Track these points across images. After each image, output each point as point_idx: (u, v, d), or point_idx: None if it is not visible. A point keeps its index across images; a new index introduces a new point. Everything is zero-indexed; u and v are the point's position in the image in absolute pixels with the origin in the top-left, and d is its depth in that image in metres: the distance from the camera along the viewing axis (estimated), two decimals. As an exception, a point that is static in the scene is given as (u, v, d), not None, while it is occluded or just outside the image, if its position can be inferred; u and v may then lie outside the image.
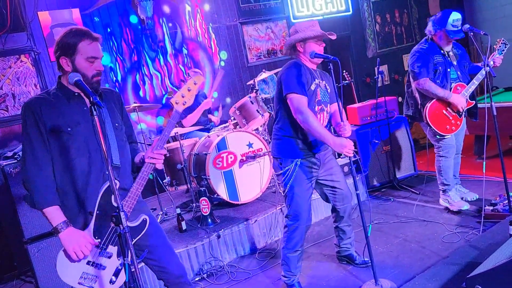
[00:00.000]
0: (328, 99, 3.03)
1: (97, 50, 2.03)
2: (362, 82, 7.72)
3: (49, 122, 1.97)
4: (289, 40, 2.95)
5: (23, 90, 4.86)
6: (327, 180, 3.10)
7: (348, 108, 5.15)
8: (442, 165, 3.90)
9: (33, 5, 4.88)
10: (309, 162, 2.98)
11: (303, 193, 2.97)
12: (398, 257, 3.35)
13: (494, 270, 1.69)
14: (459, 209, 3.88)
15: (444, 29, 3.67)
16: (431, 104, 3.73)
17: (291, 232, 3.01)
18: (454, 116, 3.79)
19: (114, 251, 2.03)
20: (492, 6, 8.52)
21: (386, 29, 8.01)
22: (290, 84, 2.83)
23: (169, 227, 4.15)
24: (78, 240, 1.94)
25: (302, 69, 2.89)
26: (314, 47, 2.89)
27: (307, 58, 2.93)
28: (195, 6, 5.97)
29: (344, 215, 3.19)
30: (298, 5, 6.84)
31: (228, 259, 3.85)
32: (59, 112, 2.00)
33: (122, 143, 2.17)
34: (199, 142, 4.59)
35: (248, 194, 4.39)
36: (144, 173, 2.05)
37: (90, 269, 2.00)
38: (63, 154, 2.00)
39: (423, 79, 3.69)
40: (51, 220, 1.98)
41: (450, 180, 3.93)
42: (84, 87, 1.78)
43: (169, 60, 5.77)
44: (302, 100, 2.81)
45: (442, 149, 3.87)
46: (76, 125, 2.01)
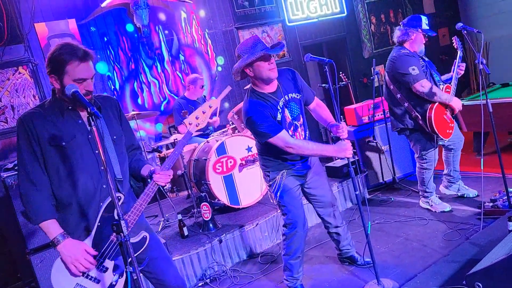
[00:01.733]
0: (299, 109, 2.92)
1: (85, 71, 1.94)
2: (359, 83, 7.75)
3: (43, 137, 1.96)
4: (235, 68, 2.78)
5: (22, 101, 4.88)
6: (311, 188, 3.09)
7: (345, 109, 5.17)
8: (425, 177, 3.97)
9: (30, 17, 4.91)
10: (295, 171, 2.98)
11: (294, 201, 2.98)
12: (400, 256, 3.36)
13: (493, 267, 1.70)
14: (441, 211, 3.94)
15: (420, 29, 3.69)
16: (435, 109, 3.65)
17: (290, 240, 3.02)
18: (450, 119, 3.82)
19: (110, 266, 2.00)
20: (486, 3, 8.57)
21: (381, 29, 8.04)
22: (263, 131, 2.72)
23: (171, 234, 4.16)
24: (76, 252, 1.92)
25: (262, 106, 2.74)
26: (263, 67, 2.68)
27: (260, 81, 2.76)
28: (190, 13, 6.00)
29: (330, 220, 3.19)
30: (293, 9, 6.88)
31: (230, 263, 3.86)
32: (53, 126, 1.98)
33: (122, 156, 2.15)
34: (198, 147, 4.61)
35: (248, 198, 4.41)
36: (149, 190, 2.04)
37: (84, 281, 1.97)
38: (60, 168, 1.98)
39: (424, 80, 3.60)
40: (48, 234, 1.97)
41: (432, 188, 4.01)
42: (81, 99, 1.78)
43: (167, 67, 5.80)
44: (284, 136, 2.72)
45: (426, 162, 3.91)
46: (71, 138, 1.99)
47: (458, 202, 4.10)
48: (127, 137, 2.25)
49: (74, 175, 1.99)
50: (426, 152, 3.86)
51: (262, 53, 2.66)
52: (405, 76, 3.65)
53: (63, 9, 5.10)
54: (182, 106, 5.09)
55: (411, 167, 5.07)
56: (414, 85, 3.63)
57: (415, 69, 3.60)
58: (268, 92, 2.80)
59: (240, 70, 2.77)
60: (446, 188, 4.21)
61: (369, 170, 4.92)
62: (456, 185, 4.13)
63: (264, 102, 2.76)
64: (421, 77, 3.61)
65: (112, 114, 2.20)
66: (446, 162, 4.09)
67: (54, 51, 1.95)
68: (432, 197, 4.04)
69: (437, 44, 8.67)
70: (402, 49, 3.76)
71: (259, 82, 2.78)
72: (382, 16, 8.06)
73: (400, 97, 3.80)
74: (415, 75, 3.60)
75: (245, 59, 2.69)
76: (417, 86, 3.62)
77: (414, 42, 3.74)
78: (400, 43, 3.82)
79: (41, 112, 2.01)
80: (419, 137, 3.86)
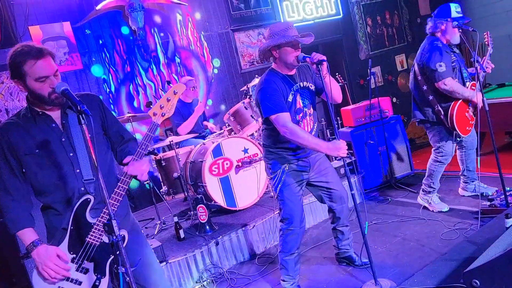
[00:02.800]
0: (310, 99, 2.99)
1: (45, 67, 1.89)
2: (356, 84, 7.74)
3: (19, 148, 1.95)
4: (263, 46, 2.86)
5: (17, 105, 4.85)
6: (321, 181, 3.09)
7: (342, 110, 5.15)
8: (435, 169, 3.90)
9: (24, 20, 4.89)
10: (297, 166, 2.99)
11: (293, 197, 2.98)
12: (398, 256, 3.34)
13: (490, 263, 1.68)
14: (439, 211, 3.92)
15: (450, 18, 3.58)
16: (457, 106, 3.60)
17: (286, 236, 3.02)
18: (471, 116, 3.76)
19: (91, 267, 1.98)
20: (482, 4, 8.58)
21: (377, 31, 8.05)
22: (268, 105, 2.79)
23: (167, 236, 4.13)
24: (45, 258, 1.90)
25: (276, 83, 2.82)
26: (289, 53, 2.78)
27: (282, 64, 2.86)
28: (186, 15, 5.99)
29: (341, 216, 3.18)
30: (289, 11, 6.88)
31: (227, 265, 3.83)
32: (27, 134, 1.97)
33: (101, 156, 2.08)
34: (195, 149, 4.58)
35: (245, 199, 4.38)
36: (121, 182, 1.96)
37: (66, 284, 1.95)
38: (38, 175, 1.98)
39: (448, 78, 3.54)
40: (24, 242, 1.97)
41: (436, 185, 3.96)
42: (71, 97, 1.75)
43: (162, 70, 5.78)
44: (284, 117, 2.77)
45: (442, 155, 3.84)
46: (45, 145, 1.97)
47: (456, 201, 4.09)
48: (114, 131, 2.20)
49: (51, 180, 1.98)
50: (445, 143, 3.78)
51: (293, 39, 2.75)
52: (432, 71, 3.59)
53: (57, 11, 5.08)
54: (178, 108, 5.06)
55: (408, 168, 5.06)
56: (438, 83, 3.58)
57: (442, 66, 3.53)
58: (286, 74, 2.90)
59: (268, 49, 2.84)
60: (463, 189, 4.15)
61: (366, 171, 4.90)
62: (472, 185, 4.07)
63: (280, 80, 2.86)
64: (446, 75, 3.53)
65: (93, 112, 2.06)
66: (460, 161, 4.05)
67: (10, 55, 1.92)
68: (433, 195, 3.99)
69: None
70: (435, 40, 3.66)
71: (281, 65, 2.88)
72: (378, 18, 8.07)
73: (426, 89, 3.72)
74: (441, 73, 3.54)
75: (276, 40, 2.78)
76: (440, 84, 3.57)
77: (446, 33, 3.63)
78: (432, 34, 3.73)
79: (16, 122, 2.00)
80: (439, 129, 3.78)
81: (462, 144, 3.92)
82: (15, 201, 1.97)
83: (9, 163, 1.97)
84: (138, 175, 1.94)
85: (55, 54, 1.99)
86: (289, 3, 6.87)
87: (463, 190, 4.16)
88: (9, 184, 1.97)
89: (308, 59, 2.76)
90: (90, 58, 5.28)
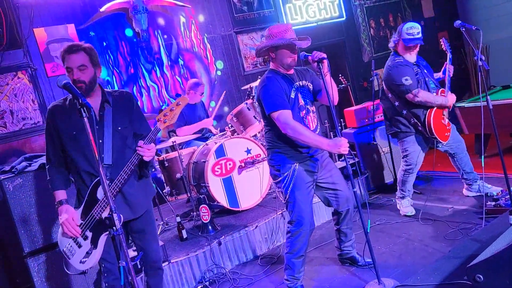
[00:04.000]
0: (310, 97, 3.02)
1: (70, 61, 2.29)
2: (359, 87, 7.74)
3: (61, 128, 2.38)
4: (261, 46, 2.90)
5: (21, 106, 4.89)
6: (327, 182, 3.07)
7: (345, 111, 5.14)
8: (405, 179, 4.02)
9: (29, 22, 4.94)
10: (306, 165, 2.96)
11: (304, 197, 2.94)
12: (401, 256, 3.31)
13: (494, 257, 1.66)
14: (404, 214, 4.04)
15: (401, 38, 3.71)
16: (433, 114, 3.70)
17: (295, 238, 2.97)
18: (447, 122, 3.86)
19: (89, 236, 2.35)
20: (485, 6, 8.58)
21: (380, 33, 8.05)
22: (270, 102, 2.81)
23: (170, 237, 4.13)
24: (64, 217, 2.34)
25: (277, 80, 2.86)
26: (286, 54, 2.84)
27: (279, 64, 2.89)
28: (189, 18, 6.02)
29: (346, 217, 3.15)
30: (292, 13, 6.90)
31: (230, 266, 3.81)
32: (68, 118, 2.37)
33: (121, 144, 2.43)
34: (198, 150, 4.58)
35: (248, 200, 4.37)
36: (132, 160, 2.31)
37: (72, 242, 2.39)
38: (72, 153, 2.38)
39: (416, 90, 3.65)
40: (55, 199, 2.42)
41: (407, 192, 4.07)
42: (72, 89, 1.82)
43: (166, 72, 5.80)
44: (286, 114, 2.78)
45: (407, 164, 3.96)
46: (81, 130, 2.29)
47: (460, 202, 4.06)
48: (137, 127, 2.52)
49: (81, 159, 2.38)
50: (411, 153, 3.89)
51: (290, 42, 2.79)
52: (399, 86, 3.70)
53: (62, 14, 5.12)
54: (181, 110, 5.06)
55: (412, 169, 5.02)
56: (408, 95, 3.70)
57: (408, 79, 3.66)
58: (286, 73, 2.94)
59: (265, 49, 2.88)
60: (467, 190, 4.16)
61: (370, 172, 4.88)
62: (476, 185, 4.07)
63: (282, 79, 2.89)
64: (414, 87, 3.66)
65: (122, 107, 2.47)
66: (455, 168, 4.10)
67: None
68: (403, 200, 4.08)
69: (436, 48, 8.65)
70: (396, 57, 3.80)
71: (278, 66, 2.92)
72: (381, 20, 8.07)
73: (399, 105, 3.83)
74: (408, 85, 3.66)
75: (274, 41, 2.82)
76: (411, 96, 3.69)
77: (401, 51, 3.78)
78: (393, 49, 3.86)
79: (62, 105, 2.42)
80: (414, 139, 3.87)
81: (449, 152, 3.97)
82: (54, 168, 2.45)
83: (52, 138, 2.42)
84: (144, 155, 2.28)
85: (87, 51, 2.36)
86: (292, 5, 6.90)
87: (467, 191, 4.14)
88: (51, 154, 2.44)
89: (309, 57, 2.78)
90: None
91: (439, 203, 4.15)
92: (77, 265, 2.38)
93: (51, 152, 2.46)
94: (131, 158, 2.31)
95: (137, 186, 2.52)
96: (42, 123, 4.98)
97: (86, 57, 2.32)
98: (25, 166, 3.56)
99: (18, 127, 4.86)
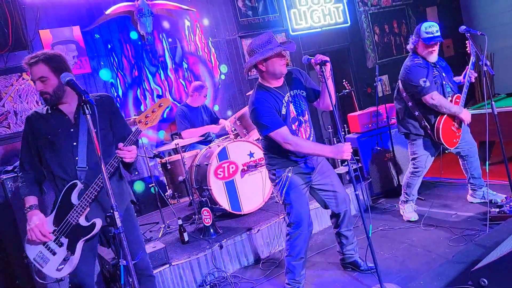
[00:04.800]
0: (304, 105, 3.00)
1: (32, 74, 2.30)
2: (363, 93, 7.73)
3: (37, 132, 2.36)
4: (249, 62, 2.86)
5: (25, 107, 4.89)
6: (322, 184, 3.07)
7: (349, 116, 5.13)
8: (410, 181, 4.00)
9: (34, 24, 4.96)
10: (301, 168, 2.98)
11: (300, 199, 2.96)
12: (404, 262, 3.28)
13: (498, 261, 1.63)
14: (407, 220, 4.01)
15: (420, 38, 3.68)
16: (443, 121, 3.68)
17: (294, 240, 2.98)
18: (457, 129, 3.82)
19: (65, 242, 2.30)
20: (490, 14, 8.58)
21: (385, 40, 8.05)
22: (264, 124, 2.80)
23: (171, 239, 4.10)
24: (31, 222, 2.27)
25: (267, 99, 2.82)
26: (277, 63, 2.80)
27: (270, 76, 2.85)
28: (194, 21, 6.04)
29: (344, 220, 3.14)
30: (296, 18, 6.91)
31: (231, 270, 3.79)
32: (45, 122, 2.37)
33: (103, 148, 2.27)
34: (200, 153, 4.57)
35: (250, 204, 4.35)
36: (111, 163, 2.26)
37: (44, 250, 2.31)
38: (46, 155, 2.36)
39: (433, 93, 3.62)
40: (25, 205, 2.35)
41: (411, 196, 4.03)
42: (75, 86, 1.82)
43: (170, 75, 5.81)
44: (283, 132, 2.78)
45: (415, 167, 3.94)
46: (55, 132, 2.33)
47: (464, 208, 4.03)
48: (120, 130, 2.46)
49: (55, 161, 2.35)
50: (420, 156, 3.87)
51: (280, 49, 2.76)
52: (416, 87, 3.67)
53: (67, 16, 5.14)
54: (184, 112, 5.08)
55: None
56: (425, 97, 3.66)
57: (426, 81, 3.62)
58: (275, 86, 2.89)
59: (253, 64, 2.85)
60: (472, 196, 4.13)
61: (373, 178, 4.86)
62: (480, 191, 4.04)
63: (270, 95, 2.85)
64: (431, 90, 3.62)
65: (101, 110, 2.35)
66: (464, 170, 4.06)
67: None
68: (407, 204, 4.06)
69: (441, 55, 8.65)
70: (415, 57, 3.76)
71: (269, 77, 2.87)
72: (386, 27, 8.08)
73: (412, 105, 3.81)
74: (426, 88, 3.62)
75: (262, 54, 2.77)
76: (427, 98, 3.65)
77: (421, 51, 3.73)
78: (413, 51, 3.82)
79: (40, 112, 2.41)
80: (423, 142, 3.85)
81: (461, 154, 3.95)
82: (26, 173, 2.41)
83: (28, 144, 2.39)
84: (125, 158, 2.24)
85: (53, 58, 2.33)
86: (296, 10, 6.91)
87: (472, 197, 4.11)
88: (25, 160, 2.41)
89: (312, 60, 2.78)
90: (99, 62, 5.32)
91: (443, 209, 4.13)
92: (52, 273, 2.30)
93: (25, 159, 2.43)
94: (110, 161, 2.27)
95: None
96: (45, 124, 4.98)
97: (46, 68, 2.27)
98: (28, 166, 3.56)
99: (21, 128, 4.85)
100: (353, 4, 7.69)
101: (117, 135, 2.45)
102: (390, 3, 8.22)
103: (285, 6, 6.82)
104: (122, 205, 2.47)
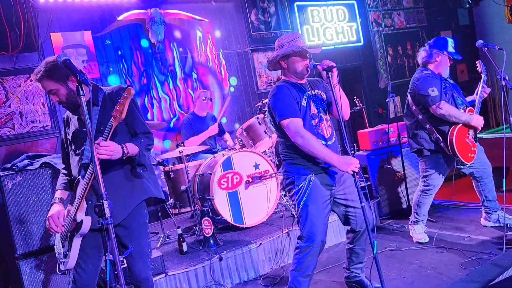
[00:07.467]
0: (324, 106, 2.93)
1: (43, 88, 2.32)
2: (375, 113, 7.61)
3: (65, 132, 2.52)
4: (272, 57, 2.87)
5: (31, 109, 4.85)
6: (346, 199, 2.87)
7: (359, 133, 5.01)
8: (421, 200, 3.84)
9: (46, 26, 4.97)
10: (323, 178, 2.80)
11: (319, 212, 2.76)
12: (413, 283, 3.10)
13: (521, 276, 1.48)
14: (417, 241, 3.84)
15: (446, 51, 3.62)
16: (457, 131, 3.54)
17: (304, 255, 2.77)
18: (472, 142, 3.67)
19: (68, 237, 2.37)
20: (507, 41, 8.47)
21: (398, 61, 7.98)
22: (281, 109, 2.75)
23: (170, 249, 3.96)
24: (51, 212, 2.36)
25: (288, 88, 2.80)
26: (298, 62, 2.79)
27: (292, 74, 2.84)
28: (206, 32, 6.02)
29: (362, 237, 2.94)
30: (309, 35, 6.87)
31: (230, 284, 3.62)
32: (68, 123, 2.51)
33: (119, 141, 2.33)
34: (205, 163, 4.46)
35: (253, 217, 4.20)
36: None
37: (58, 240, 2.45)
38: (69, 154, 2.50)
39: (443, 102, 3.51)
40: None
41: (422, 216, 3.87)
42: (71, 66, 1.75)
43: (179, 84, 5.76)
44: (297, 123, 2.70)
45: (426, 185, 3.79)
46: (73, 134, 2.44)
47: (477, 232, 3.84)
48: (131, 125, 2.43)
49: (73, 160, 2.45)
50: (432, 174, 3.72)
51: (300, 48, 2.76)
52: (425, 97, 3.57)
53: (80, 20, 5.15)
54: (190, 121, 5.00)
55: (426, 196, 4.82)
56: (432, 107, 3.54)
57: (435, 91, 3.52)
58: (297, 82, 2.88)
59: (276, 60, 2.85)
60: (485, 220, 3.93)
61: (381, 197, 4.69)
62: (495, 215, 3.84)
63: (293, 87, 2.83)
64: (438, 99, 3.52)
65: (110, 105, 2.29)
66: (477, 192, 3.89)
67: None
68: (417, 225, 3.89)
69: (455, 80, 8.54)
70: (425, 70, 3.69)
71: (290, 75, 2.87)
72: (399, 48, 8.02)
73: (422, 119, 3.68)
74: (434, 97, 3.52)
75: (284, 50, 2.78)
76: (434, 107, 3.53)
77: (439, 65, 3.67)
78: (424, 64, 3.75)
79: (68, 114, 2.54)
80: (435, 159, 3.70)
81: (474, 175, 3.78)
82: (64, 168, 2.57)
83: (63, 141, 2.56)
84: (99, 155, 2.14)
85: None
86: (309, 27, 6.88)
87: (486, 220, 3.92)
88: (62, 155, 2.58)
89: (318, 66, 2.71)
90: (108, 68, 5.30)
91: (455, 232, 3.94)
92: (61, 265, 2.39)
93: (62, 155, 2.59)
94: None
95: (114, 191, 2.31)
96: (50, 127, 4.93)
97: (50, 81, 2.27)
98: (26, 164, 3.48)
99: (26, 130, 4.82)
100: (367, 24, 7.65)
101: (130, 130, 2.45)
102: (404, 25, 8.18)
103: (298, 22, 6.80)
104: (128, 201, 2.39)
